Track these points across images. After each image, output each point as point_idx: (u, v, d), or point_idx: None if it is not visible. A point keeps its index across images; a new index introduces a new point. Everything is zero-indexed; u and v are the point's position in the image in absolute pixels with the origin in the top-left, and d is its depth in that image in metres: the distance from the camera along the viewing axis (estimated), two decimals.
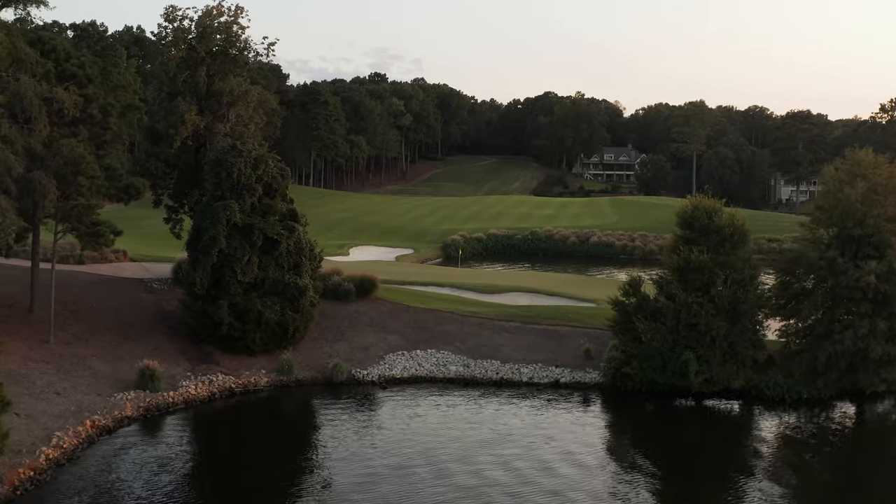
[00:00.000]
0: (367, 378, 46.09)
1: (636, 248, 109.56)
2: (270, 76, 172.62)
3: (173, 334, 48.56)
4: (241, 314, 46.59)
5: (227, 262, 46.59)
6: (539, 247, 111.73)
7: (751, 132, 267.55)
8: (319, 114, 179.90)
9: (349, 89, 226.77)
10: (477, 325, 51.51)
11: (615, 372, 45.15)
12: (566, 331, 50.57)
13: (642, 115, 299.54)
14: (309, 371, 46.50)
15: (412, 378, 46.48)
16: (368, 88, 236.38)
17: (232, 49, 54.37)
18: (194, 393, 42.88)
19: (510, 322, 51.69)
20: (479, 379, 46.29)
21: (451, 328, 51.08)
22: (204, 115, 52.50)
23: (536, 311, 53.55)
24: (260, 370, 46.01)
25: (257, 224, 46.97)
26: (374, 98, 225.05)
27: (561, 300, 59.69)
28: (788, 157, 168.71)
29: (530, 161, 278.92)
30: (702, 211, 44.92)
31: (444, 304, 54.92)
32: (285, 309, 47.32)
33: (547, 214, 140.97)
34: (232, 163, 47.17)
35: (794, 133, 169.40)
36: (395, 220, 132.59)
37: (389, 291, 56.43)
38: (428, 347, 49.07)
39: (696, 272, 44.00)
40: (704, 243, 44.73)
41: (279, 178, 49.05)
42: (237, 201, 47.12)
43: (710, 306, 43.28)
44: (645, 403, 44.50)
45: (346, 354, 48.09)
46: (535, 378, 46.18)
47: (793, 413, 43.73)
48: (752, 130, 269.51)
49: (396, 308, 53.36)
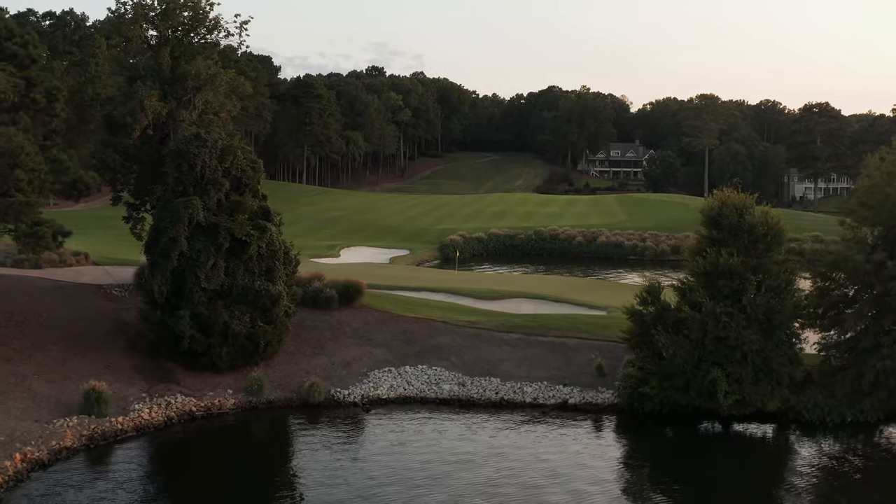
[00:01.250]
0: (348, 399, 41.21)
1: (647, 249, 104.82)
2: (260, 67, 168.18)
3: (130, 349, 43.74)
4: (205, 326, 41.78)
5: (189, 266, 41.75)
6: (543, 247, 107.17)
7: (763, 127, 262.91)
8: (313, 108, 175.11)
9: (345, 83, 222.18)
10: (474, 336, 46.62)
11: (631, 392, 40.25)
12: (575, 343, 45.66)
13: (650, 110, 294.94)
14: (282, 391, 41.61)
15: (400, 398, 41.59)
16: (365, 82, 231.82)
17: (200, 27, 49.48)
18: (148, 418, 38.01)
19: (511, 333, 46.80)
20: (475, 399, 41.39)
21: (445, 340, 46.20)
22: (167, 102, 47.61)
23: (541, 320, 48.65)
24: (226, 390, 41.16)
25: (224, 223, 42.11)
26: (371, 92, 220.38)
27: (568, 307, 54.81)
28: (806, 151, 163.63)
29: (534, 158, 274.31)
30: (731, 208, 39.96)
31: (437, 312, 50.04)
32: (256, 320, 42.49)
33: (551, 213, 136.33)
34: (195, 154, 42.31)
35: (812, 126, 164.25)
36: (390, 219, 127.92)
37: (377, 298, 51.56)
38: (418, 363, 44.21)
39: (724, 278, 39.05)
40: (734, 244, 39.79)
41: (250, 171, 44.16)
42: (201, 197, 42.29)
43: (742, 317, 38.34)
44: (665, 428, 39.59)
45: (326, 371, 43.23)
46: (539, 398, 41.27)
47: (835, 439, 38.80)
48: (763, 125, 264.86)
49: (384, 317, 48.49)
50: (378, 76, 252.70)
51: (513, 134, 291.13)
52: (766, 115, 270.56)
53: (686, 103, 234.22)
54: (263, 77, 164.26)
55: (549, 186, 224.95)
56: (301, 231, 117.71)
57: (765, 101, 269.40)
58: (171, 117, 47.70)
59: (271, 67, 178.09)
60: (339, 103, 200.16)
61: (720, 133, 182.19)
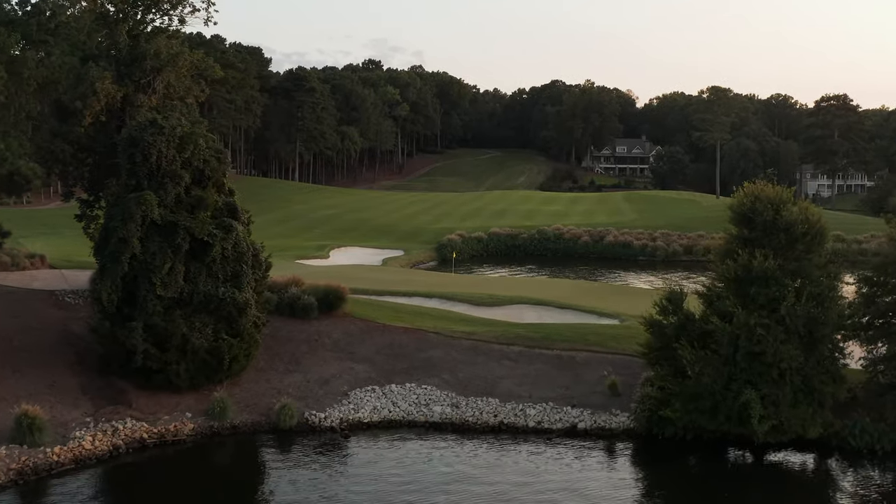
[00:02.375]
0: (324, 423, 36.51)
1: (658, 249, 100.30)
2: (249, 59, 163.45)
3: (79, 364, 39.08)
4: (160, 339, 37.13)
5: (143, 271, 37.09)
6: (547, 247, 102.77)
7: (773, 122, 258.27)
8: (305, 102, 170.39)
9: (340, 77, 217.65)
10: (470, 349, 41.91)
11: (650, 415, 35.53)
12: (584, 358, 40.93)
13: (656, 105, 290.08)
14: (249, 413, 36.93)
15: (384, 422, 36.90)
16: (361, 76, 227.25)
17: (162, 2, 44.78)
18: (90, 447, 33.35)
19: (512, 346, 42.08)
20: (471, 423, 36.67)
21: (437, 354, 41.50)
22: (123, 84, 42.93)
23: (546, 330, 43.93)
24: (184, 413, 36.48)
25: (183, 222, 37.44)
26: (367, 86, 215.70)
27: (576, 315, 50.14)
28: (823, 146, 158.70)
29: (536, 154, 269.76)
30: (765, 203, 35.21)
31: (429, 321, 45.35)
32: (220, 332, 37.83)
33: (555, 211, 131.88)
34: (149, 142, 37.63)
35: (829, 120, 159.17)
36: (385, 217, 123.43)
37: (362, 305, 46.89)
38: (406, 381, 39.51)
39: (759, 283, 34.32)
40: (769, 245, 35.08)
41: (214, 162, 39.48)
42: (157, 192, 37.65)
43: (780, 329, 33.63)
44: (689, 457, 34.91)
45: (300, 391, 38.54)
46: (544, 422, 36.55)
47: (886, 469, 34.11)
48: (774, 120, 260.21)
49: (369, 327, 43.80)
50: (375, 70, 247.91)
51: (515, 130, 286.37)
52: (778, 110, 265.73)
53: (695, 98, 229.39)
54: (253, 69, 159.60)
55: (553, 184, 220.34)
56: (290, 230, 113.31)
57: (776, 96, 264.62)
58: (127, 102, 43.07)
59: (261, 59, 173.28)
60: (333, 97, 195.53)
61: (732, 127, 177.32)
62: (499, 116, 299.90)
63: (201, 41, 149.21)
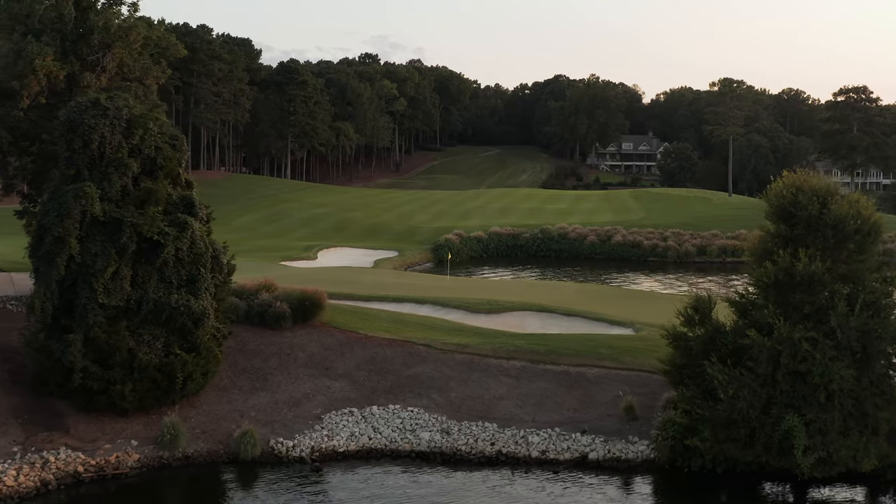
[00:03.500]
0: (292, 452, 31.85)
1: (669, 250, 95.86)
2: (237, 50, 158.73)
3: (13, 383, 34.45)
4: (103, 354, 32.53)
5: (83, 275, 32.47)
6: (551, 248, 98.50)
7: (785, 118, 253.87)
8: (297, 95, 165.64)
9: (335, 70, 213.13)
10: (464, 364, 37.21)
11: (674, 443, 30.85)
12: (596, 374, 36.23)
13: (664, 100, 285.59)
14: (205, 441, 32.27)
15: (363, 451, 32.24)
16: (358, 70, 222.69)
17: None
18: (13, 483, 28.72)
19: (513, 360, 37.37)
20: (464, 453, 32.00)
21: (427, 370, 36.80)
22: (68, 62, 38.25)
23: (551, 342, 39.23)
24: (129, 441, 31.84)
25: (129, 218, 32.78)
26: (363, 80, 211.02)
27: (584, 323, 45.47)
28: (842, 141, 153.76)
29: (539, 152, 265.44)
30: (810, 195, 30.51)
31: (419, 331, 40.68)
32: (172, 346, 33.22)
33: (559, 209, 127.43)
34: (90, 126, 32.99)
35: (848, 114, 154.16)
36: (380, 216, 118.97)
37: (343, 313, 42.24)
38: (390, 402, 34.83)
39: (803, 290, 29.65)
40: (814, 244, 30.41)
41: (167, 149, 34.81)
42: (99, 184, 33.04)
43: (828, 344, 28.97)
44: (720, 494, 30.29)
45: (266, 414, 33.89)
46: (549, 452, 31.87)
47: None
48: (786, 116, 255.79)
49: (349, 339, 39.12)
50: (372, 64, 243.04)
51: (517, 126, 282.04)
52: (790, 105, 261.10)
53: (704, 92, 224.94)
54: (241, 61, 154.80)
55: (556, 182, 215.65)
56: (278, 230, 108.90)
57: (787, 90, 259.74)
58: (73, 82, 38.37)
59: (250, 51, 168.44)
60: (328, 92, 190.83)
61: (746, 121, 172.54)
62: (500, 113, 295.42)
63: (187, 31, 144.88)
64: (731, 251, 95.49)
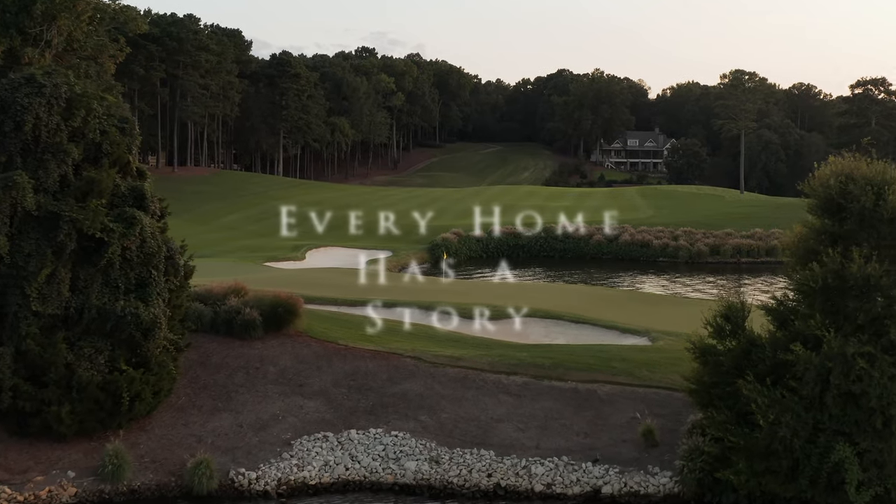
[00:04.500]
0: (255, 486, 27.75)
1: (680, 249, 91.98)
2: (226, 41, 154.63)
3: None
4: (36, 370, 28.50)
5: (13, 278, 28.42)
6: (554, 247, 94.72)
7: (796, 113, 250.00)
8: (289, 89, 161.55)
9: (331, 64, 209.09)
10: (458, 380, 33.07)
11: (702, 476, 26.72)
12: (609, 392, 32.10)
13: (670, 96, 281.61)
14: (155, 472, 28.16)
15: (339, 484, 28.15)
16: (354, 64, 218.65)
17: None
18: None
19: (514, 375, 33.23)
20: (456, 487, 27.89)
21: (415, 387, 32.67)
22: (7, 36, 34.17)
23: (557, 354, 35.10)
24: (65, 472, 27.74)
25: (68, 212, 28.72)
26: (359, 74, 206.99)
27: (593, 332, 41.34)
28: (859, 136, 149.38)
29: (542, 148, 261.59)
30: (862, 184, 26.33)
31: (407, 341, 36.57)
32: (118, 360, 29.14)
33: (563, 207, 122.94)
34: (23, 106, 28.95)
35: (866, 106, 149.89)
36: (374, 214, 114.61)
37: (322, 320, 38.15)
38: (371, 424, 30.69)
39: (856, 296, 25.53)
40: (867, 242, 26.28)
41: (115, 133, 30.73)
42: (34, 173, 29.00)
43: (888, 361, 24.86)
44: None
45: (228, 439, 29.78)
46: (556, 485, 27.74)
47: None
48: (797, 111, 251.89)
49: (327, 351, 34.99)
50: (368, 57, 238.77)
51: (519, 122, 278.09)
52: (800, 100, 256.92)
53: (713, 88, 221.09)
54: (230, 52, 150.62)
55: (559, 179, 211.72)
56: (266, 229, 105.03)
57: (798, 84, 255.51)
58: (12, 58, 34.27)
59: (240, 42, 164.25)
60: (323, 86, 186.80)
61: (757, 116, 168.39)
62: (501, 109, 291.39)
63: (173, 20, 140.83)
64: (746, 251, 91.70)
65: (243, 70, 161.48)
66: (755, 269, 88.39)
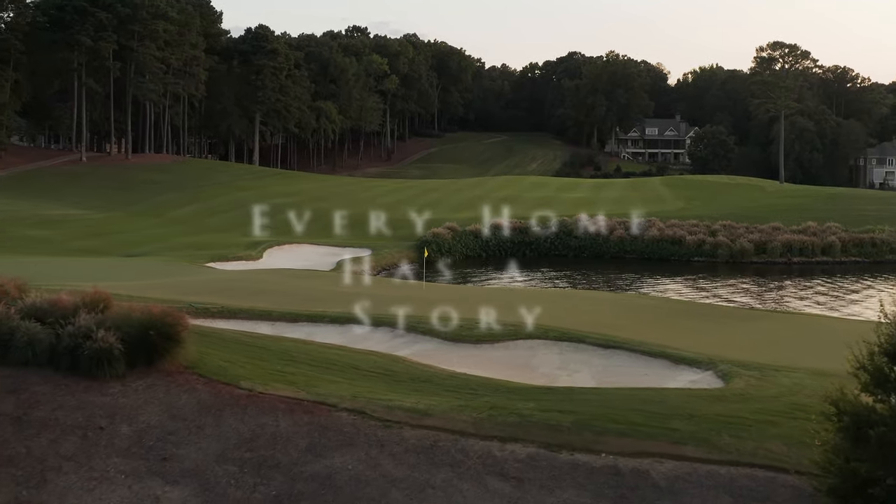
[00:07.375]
0: None
1: (719, 247, 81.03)
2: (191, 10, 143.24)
3: None
4: None
5: None
6: (568, 244, 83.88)
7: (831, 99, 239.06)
8: (266, 67, 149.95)
9: (317, 43, 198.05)
10: (421, 452, 21.34)
11: None
12: (669, 473, 20.32)
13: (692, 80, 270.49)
14: None
15: None
16: (343, 43, 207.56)
17: None
18: None
19: (512, 443, 21.45)
20: None
21: (350, 466, 20.95)
22: None
23: (581, 404, 23.38)
24: None
25: None
26: (349, 55, 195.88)
27: (631, 361, 29.69)
28: None
29: (552, 138, 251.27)
30: None
31: (346, 382, 24.93)
32: None
33: (577, 199, 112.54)
34: None
35: None
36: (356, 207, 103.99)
37: (227, 348, 26.60)
38: None
39: None
40: None
41: None
42: None
43: None
44: None
45: None
46: None
47: None
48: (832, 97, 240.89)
49: (219, 399, 23.29)
50: (359, 37, 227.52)
51: (526, 110, 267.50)
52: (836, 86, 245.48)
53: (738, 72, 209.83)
54: (195, 23, 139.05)
55: (571, 171, 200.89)
56: (225, 223, 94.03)
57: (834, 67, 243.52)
58: None
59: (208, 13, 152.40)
60: (308, 67, 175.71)
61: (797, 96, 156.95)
62: (507, 95, 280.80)
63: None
64: (799, 248, 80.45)
65: (212, 45, 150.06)
66: (808, 269, 77.26)
